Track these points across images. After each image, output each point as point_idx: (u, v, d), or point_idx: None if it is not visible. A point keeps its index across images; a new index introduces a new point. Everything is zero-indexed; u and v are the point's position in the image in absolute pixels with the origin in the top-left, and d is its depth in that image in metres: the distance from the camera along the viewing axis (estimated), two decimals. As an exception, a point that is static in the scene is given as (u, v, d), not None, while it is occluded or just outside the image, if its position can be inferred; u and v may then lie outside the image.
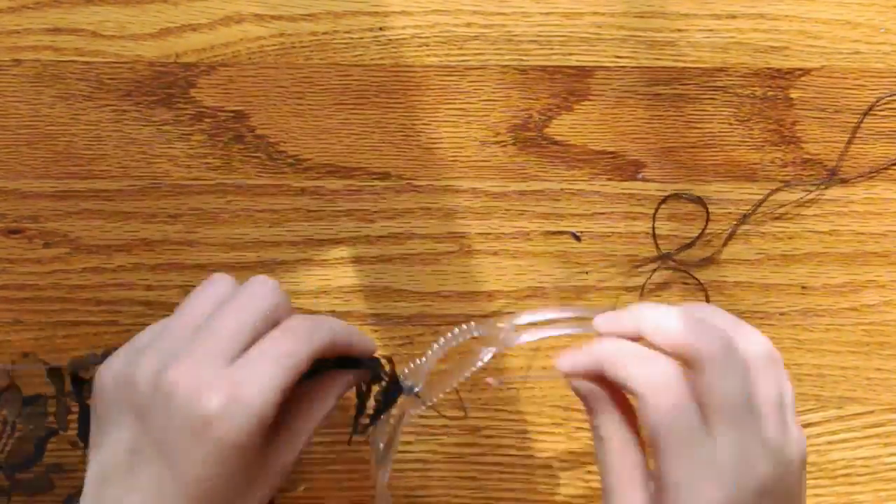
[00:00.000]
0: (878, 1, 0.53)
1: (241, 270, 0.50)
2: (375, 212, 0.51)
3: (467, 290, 0.50)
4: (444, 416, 0.49)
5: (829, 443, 0.49)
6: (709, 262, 0.50)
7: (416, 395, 0.44)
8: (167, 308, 0.49)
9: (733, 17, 0.52)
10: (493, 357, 0.44)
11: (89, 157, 0.51)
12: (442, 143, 0.51)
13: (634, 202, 0.51)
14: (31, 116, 0.51)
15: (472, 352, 0.44)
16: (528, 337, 0.44)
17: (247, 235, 0.50)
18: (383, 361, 0.43)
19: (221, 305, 0.40)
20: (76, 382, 0.46)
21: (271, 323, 0.40)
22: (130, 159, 0.51)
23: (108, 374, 0.40)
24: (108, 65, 0.52)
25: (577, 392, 0.41)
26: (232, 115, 0.51)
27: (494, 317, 0.49)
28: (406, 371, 0.44)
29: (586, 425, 0.49)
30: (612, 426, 0.40)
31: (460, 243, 0.51)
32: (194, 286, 0.47)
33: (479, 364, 0.44)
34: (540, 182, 0.51)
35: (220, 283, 0.42)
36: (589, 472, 0.49)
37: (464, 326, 0.45)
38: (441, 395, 0.44)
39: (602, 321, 0.42)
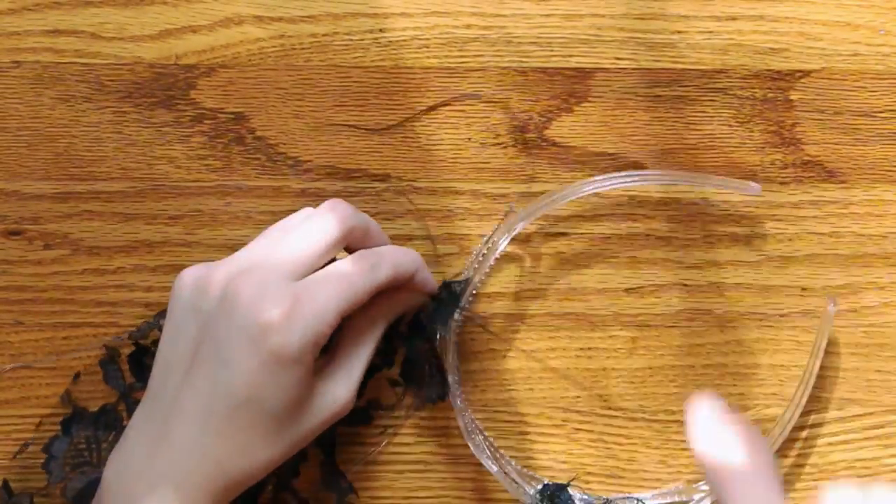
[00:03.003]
0: (877, 3, 0.53)
1: (242, 272, 0.50)
2: (375, 214, 0.51)
3: (467, 292, 0.50)
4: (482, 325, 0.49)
5: (830, 444, 0.49)
6: (709, 262, 0.51)
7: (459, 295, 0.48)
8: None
9: (733, 18, 0.52)
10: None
11: (89, 159, 0.51)
12: (442, 144, 0.51)
13: (634, 203, 0.51)
14: (31, 118, 0.51)
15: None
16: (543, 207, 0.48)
17: (247, 237, 0.50)
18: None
19: (299, 225, 0.43)
20: (137, 361, 0.48)
21: (342, 246, 0.44)
22: (131, 161, 0.51)
23: (187, 276, 0.43)
24: (108, 66, 0.52)
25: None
26: (232, 116, 0.51)
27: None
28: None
29: (586, 426, 0.49)
30: None
31: (460, 245, 0.51)
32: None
33: (513, 233, 0.48)
34: (540, 184, 0.51)
35: (306, 209, 0.45)
36: (589, 472, 0.49)
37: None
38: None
39: None
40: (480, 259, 0.49)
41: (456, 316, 0.48)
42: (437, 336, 0.48)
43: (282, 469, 0.43)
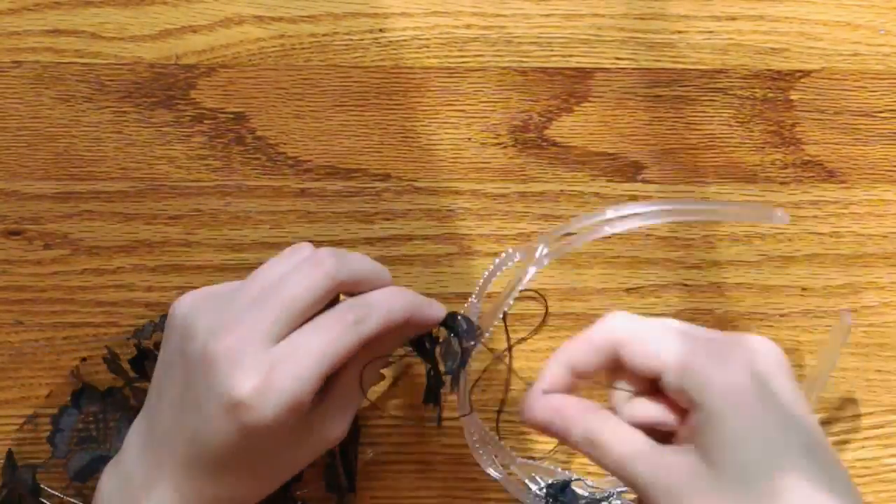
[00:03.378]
0: (877, 3, 0.53)
1: (242, 272, 0.50)
2: (375, 213, 0.51)
3: (467, 292, 0.50)
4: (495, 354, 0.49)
5: (830, 444, 0.49)
6: (709, 262, 0.50)
7: (480, 333, 0.45)
8: (167, 309, 0.49)
9: (733, 18, 0.52)
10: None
11: (89, 159, 0.51)
12: (442, 144, 0.51)
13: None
14: (31, 118, 0.51)
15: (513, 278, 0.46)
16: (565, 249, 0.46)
17: (247, 237, 0.50)
18: (459, 319, 0.44)
19: (281, 279, 0.41)
20: (139, 364, 0.47)
21: (327, 300, 0.41)
22: (131, 161, 0.51)
23: (178, 310, 0.42)
24: (108, 66, 0.52)
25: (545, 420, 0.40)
26: (232, 116, 0.51)
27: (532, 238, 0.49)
28: (462, 314, 0.44)
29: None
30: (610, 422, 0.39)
31: (460, 245, 0.51)
32: (194, 287, 0.47)
33: (524, 283, 0.45)
34: (540, 184, 0.51)
35: (297, 253, 0.42)
36: (589, 472, 0.49)
37: (504, 253, 0.47)
38: (495, 324, 0.46)
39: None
40: (484, 284, 0.48)
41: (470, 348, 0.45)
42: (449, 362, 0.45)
43: None
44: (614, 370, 0.40)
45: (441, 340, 0.44)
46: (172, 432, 0.41)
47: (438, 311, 0.43)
